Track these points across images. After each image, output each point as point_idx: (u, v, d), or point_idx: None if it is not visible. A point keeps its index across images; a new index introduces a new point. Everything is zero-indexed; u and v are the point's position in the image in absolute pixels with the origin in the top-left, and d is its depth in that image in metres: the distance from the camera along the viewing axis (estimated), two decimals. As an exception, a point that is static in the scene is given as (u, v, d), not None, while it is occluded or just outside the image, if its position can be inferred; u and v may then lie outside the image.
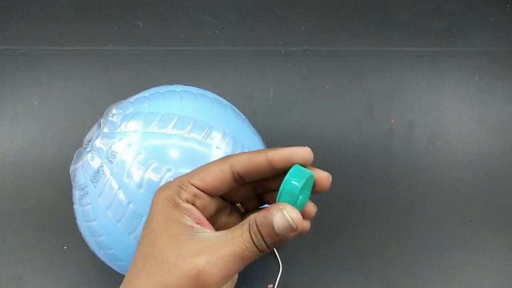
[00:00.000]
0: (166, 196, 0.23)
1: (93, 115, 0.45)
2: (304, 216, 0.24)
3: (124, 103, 0.40)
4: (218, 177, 0.23)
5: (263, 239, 0.21)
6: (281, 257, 0.53)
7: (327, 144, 0.63)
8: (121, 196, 0.35)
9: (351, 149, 0.63)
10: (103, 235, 0.37)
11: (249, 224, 0.22)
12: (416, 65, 0.67)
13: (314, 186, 0.24)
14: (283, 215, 0.21)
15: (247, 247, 0.21)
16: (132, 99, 0.40)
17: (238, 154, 0.24)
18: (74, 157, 0.39)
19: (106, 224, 0.36)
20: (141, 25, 0.67)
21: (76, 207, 0.39)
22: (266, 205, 0.26)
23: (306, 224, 0.25)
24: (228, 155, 0.24)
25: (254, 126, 0.46)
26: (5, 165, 0.60)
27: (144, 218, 0.35)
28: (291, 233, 0.21)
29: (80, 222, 0.39)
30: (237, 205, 0.28)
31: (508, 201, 0.60)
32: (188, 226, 0.22)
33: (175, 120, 0.36)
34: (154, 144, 0.35)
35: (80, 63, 0.66)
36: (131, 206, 0.35)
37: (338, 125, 0.64)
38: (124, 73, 0.66)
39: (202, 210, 0.24)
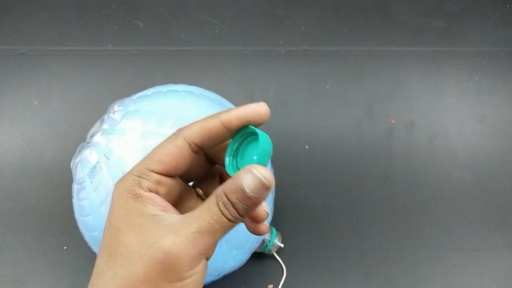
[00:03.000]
0: (126, 188, 0.22)
1: (92, 115, 0.45)
2: (257, 218, 0.23)
3: (127, 100, 0.40)
4: (175, 154, 0.22)
5: (233, 206, 0.20)
6: (281, 257, 0.53)
7: (327, 144, 0.63)
8: None
9: (351, 149, 0.63)
10: (96, 230, 0.37)
11: (216, 195, 0.20)
12: (416, 65, 0.67)
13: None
14: (253, 174, 0.20)
15: (214, 220, 0.20)
16: (135, 96, 0.41)
17: (191, 124, 0.23)
18: (76, 151, 0.39)
19: (99, 220, 0.36)
20: (141, 25, 0.67)
21: (74, 201, 0.39)
22: None
23: (264, 228, 0.24)
24: (180, 128, 0.23)
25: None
26: (5, 165, 0.60)
27: None
28: (264, 192, 0.20)
29: (77, 216, 0.39)
30: (200, 192, 0.26)
31: (508, 201, 0.60)
32: (152, 215, 0.21)
33: (173, 119, 0.36)
34: (151, 143, 0.36)
35: (80, 63, 0.66)
36: None
37: (338, 125, 0.64)
38: (124, 73, 0.66)
39: (166, 196, 0.23)
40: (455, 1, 0.69)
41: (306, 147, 0.63)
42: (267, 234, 0.50)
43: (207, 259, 0.23)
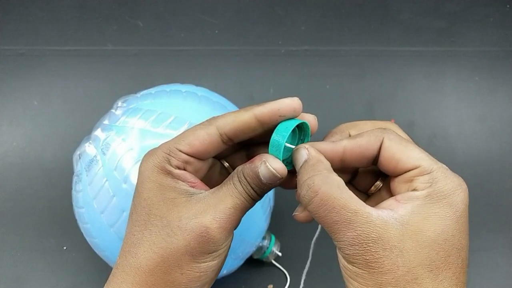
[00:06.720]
0: (155, 163, 0.23)
1: (92, 115, 0.45)
2: None
3: (131, 97, 0.40)
4: (205, 141, 0.23)
5: (252, 189, 0.22)
6: (282, 257, 0.53)
7: (327, 144, 0.63)
8: (107, 188, 0.35)
9: (351, 149, 0.63)
10: (88, 223, 0.38)
11: (238, 177, 0.23)
12: (416, 65, 0.67)
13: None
14: (266, 167, 0.22)
15: (244, 197, 0.22)
16: (140, 94, 0.41)
17: (224, 114, 0.23)
18: (81, 143, 0.39)
19: (91, 213, 0.37)
20: (141, 25, 0.67)
21: (72, 192, 0.39)
22: None
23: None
24: (214, 117, 0.23)
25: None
26: (5, 165, 0.60)
27: (126, 213, 0.35)
28: (278, 180, 0.22)
29: (74, 208, 0.40)
30: (226, 165, 0.27)
31: (508, 201, 0.60)
32: (184, 190, 0.23)
33: (171, 119, 0.37)
34: (147, 141, 0.36)
35: (80, 63, 0.66)
36: (114, 199, 0.35)
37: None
38: (124, 73, 0.66)
39: (194, 173, 0.24)
40: (455, 1, 0.69)
41: (306, 147, 0.63)
42: (265, 241, 0.50)
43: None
